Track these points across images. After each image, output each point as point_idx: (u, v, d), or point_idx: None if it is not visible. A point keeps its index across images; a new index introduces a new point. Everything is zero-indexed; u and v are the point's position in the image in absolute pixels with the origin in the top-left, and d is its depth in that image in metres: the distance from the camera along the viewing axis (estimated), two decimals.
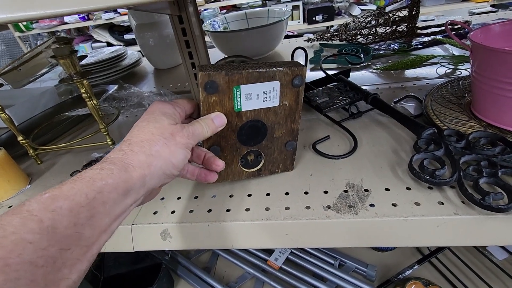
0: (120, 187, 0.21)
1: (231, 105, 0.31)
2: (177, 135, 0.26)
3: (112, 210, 0.21)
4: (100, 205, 0.20)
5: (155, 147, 0.24)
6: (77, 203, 0.19)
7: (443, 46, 0.73)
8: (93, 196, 0.20)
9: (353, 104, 0.49)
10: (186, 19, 0.56)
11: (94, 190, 0.20)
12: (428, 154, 0.35)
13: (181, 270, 0.73)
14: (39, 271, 0.16)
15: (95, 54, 0.89)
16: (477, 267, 0.64)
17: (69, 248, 0.18)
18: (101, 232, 0.20)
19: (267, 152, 0.36)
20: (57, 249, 0.17)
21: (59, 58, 0.40)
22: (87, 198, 0.19)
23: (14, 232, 0.16)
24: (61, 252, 0.17)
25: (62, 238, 0.17)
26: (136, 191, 0.22)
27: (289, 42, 0.98)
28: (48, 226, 0.17)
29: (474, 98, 0.42)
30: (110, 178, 0.21)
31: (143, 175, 0.23)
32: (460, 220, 0.29)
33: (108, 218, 0.20)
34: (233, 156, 0.35)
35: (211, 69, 0.28)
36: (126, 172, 0.22)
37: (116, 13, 2.42)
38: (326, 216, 0.32)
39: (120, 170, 0.22)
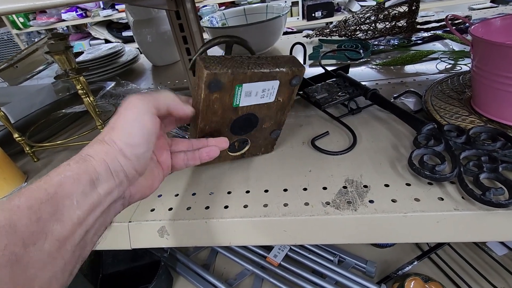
0: (83, 178, 0.20)
1: (231, 101, 0.31)
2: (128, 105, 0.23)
3: (82, 202, 0.20)
4: (64, 198, 0.19)
5: (107, 135, 0.23)
6: (36, 199, 0.18)
7: (443, 41, 0.72)
8: (54, 191, 0.19)
9: (352, 100, 0.48)
10: (184, 15, 0.55)
11: (53, 185, 0.19)
12: (428, 150, 0.34)
13: (180, 267, 0.73)
14: (3, 271, 0.16)
15: (92, 50, 0.88)
16: (477, 262, 0.64)
17: (34, 243, 0.17)
18: (74, 225, 0.19)
19: (253, 139, 0.38)
20: (19, 247, 0.17)
21: (54, 54, 0.39)
22: (47, 193, 0.19)
23: None
24: (25, 249, 0.17)
25: (24, 234, 0.17)
26: (104, 180, 0.21)
27: (288, 38, 0.97)
28: (5, 225, 0.17)
29: (474, 93, 0.41)
30: (68, 171, 0.21)
31: (102, 161, 0.22)
32: (460, 216, 0.29)
33: (78, 210, 0.20)
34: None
35: (215, 66, 0.28)
36: (85, 162, 0.21)
37: (114, 10, 2.41)
38: (325, 213, 0.31)
39: (77, 162, 0.21)
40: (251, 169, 0.39)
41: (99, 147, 0.22)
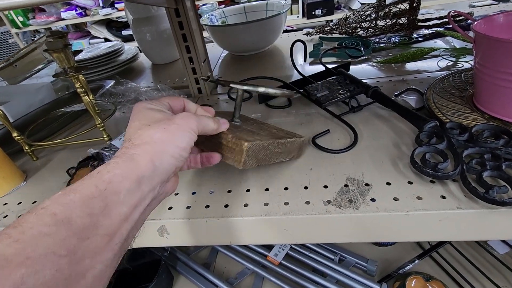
0: (130, 176, 0.22)
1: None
2: (176, 118, 0.26)
3: (128, 199, 0.21)
4: (113, 195, 0.20)
5: (156, 134, 0.24)
6: (88, 195, 0.20)
7: (445, 38, 0.72)
8: (104, 187, 0.20)
9: (353, 98, 0.48)
10: (183, 12, 0.55)
11: (104, 182, 0.21)
12: (430, 148, 0.34)
13: (180, 266, 0.73)
14: (63, 261, 0.17)
15: (91, 49, 0.88)
16: (478, 261, 0.64)
17: (88, 237, 0.18)
18: (121, 221, 0.21)
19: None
20: (76, 239, 0.18)
21: (52, 52, 0.39)
22: (98, 189, 0.20)
23: (31, 228, 0.17)
24: (81, 242, 0.18)
25: (79, 228, 0.18)
26: (149, 178, 0.23)
27: (288, 36, 0.96)
28: (62, 219, 0.18)
29: (477, 90, 0.41)
30: (117, 169, 0.22)
31: (150, 161, 0.23)
32: (463, 214, 0.28)
33: (125, 207, 0.21)
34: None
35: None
36: (132, 161, 0.23)
37: (113, 9, 2.40)
38: (326, 211, 0.31)
39: (126, 161, 0.22)
40: (252, 168, 0.39)
41: (148, 147, 0.24)
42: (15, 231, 0.17)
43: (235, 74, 0.75)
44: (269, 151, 0.33)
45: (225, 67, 0.81)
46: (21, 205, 0.40)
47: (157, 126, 0.25)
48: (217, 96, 0.63)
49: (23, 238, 0.16)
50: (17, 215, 0.39)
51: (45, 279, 0.16)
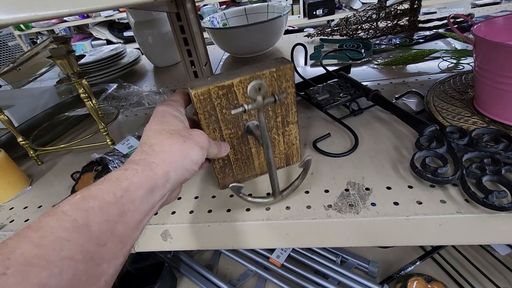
0: (146, 184, 0.22)
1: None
2: (194, 134, 0.27)
3: (141, 206, 0.22)
4: (128, 203, 0.21)
5: (175, 145, 0.25)
6: (107, 202, 0.20)
7: (446, 40, 0.72)
8: (121, 195, 0.21)
9: (354, 101, 0.48)
10: (184, 16, 0.55)
11: (121, 189, 0.21)
12: (430, 152, 0.34)
13: (183, 268, 0.73)
14: (80, 266, 0.17)
15: (94, 52, 0.89)
16: (480, 262, 0.64)
17: (105, 244, 0.19)
18: (134, 228, 0.21)
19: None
20: (93, 245, 0.18)
21: (56, 59, 0.40)
22: (115, 197, 0.21)
23: (52, 232, 0.17)
24: (98, 248, 0.19)
25: (97, 234, 0.19)
26: (161, 187, 0.24)
27: (289, 38, 0.97)
28: (82, 225, 0.18)
29: (477, 93, 0.41)
30: (135, 177, 0.22)
31: (166, 172, 0.24)
32: (462, 219, 0.29)
33: (138, 214, 0.22)
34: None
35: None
36: (150, 170, 0.23)
37: (115, 10, 2.41)
38: (327, 216, 0.31)
39: (144, 169, 0.23)
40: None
41: (167, 157, 0.25)
42: (36, 235, 0.17)
43: None
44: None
45: (226, 69, 0.82)
46: (27, 209, 0.41)
47: (177, 137, 0.26)
48: None
49: (44, 242, 0.17)
50: (23, 220, 0.39)
51: (63, 283, 0.16)
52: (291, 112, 0.35)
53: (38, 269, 0.16)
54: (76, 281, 0.17)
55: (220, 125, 0.32)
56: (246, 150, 0.35)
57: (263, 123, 0.29)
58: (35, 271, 0.16)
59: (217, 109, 0.31)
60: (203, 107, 0.30)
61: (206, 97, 0.29)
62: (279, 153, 0.38)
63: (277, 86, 0.32)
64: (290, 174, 0.38)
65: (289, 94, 0.33)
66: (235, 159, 0.35)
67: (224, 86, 0.29)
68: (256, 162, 0.37)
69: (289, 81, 0.32)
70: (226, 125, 0.32)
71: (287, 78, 0.32)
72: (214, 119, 0.31)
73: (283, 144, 0.37)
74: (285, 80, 0.32)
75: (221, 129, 0.32)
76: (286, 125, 0.35)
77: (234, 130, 0.33)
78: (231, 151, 0.34)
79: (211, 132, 0.32)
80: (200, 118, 0.30)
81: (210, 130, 0.32)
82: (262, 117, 0.29)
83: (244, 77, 0.30)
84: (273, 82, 0.31)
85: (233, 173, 0.36)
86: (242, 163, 0.36)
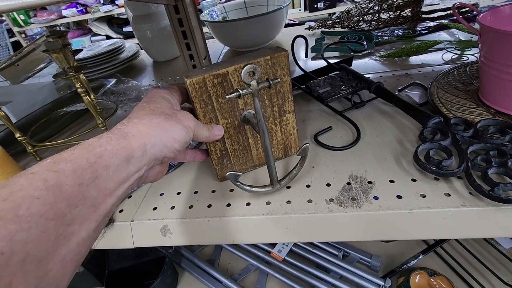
0: (120, 153, 0.22)
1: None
2: (179, 114, 0.27)
3: (115, 175, 0.22)
4: (102, 169, 0.21)
5: (156, 119, 0.25)
6: (79, 166, 0.20)
7: (449, 31, 0.70)
8: (94, 160, 0.21)
9: (356, 94, 0.47)
10: (183, 9, 0.54)
11: (94, 155, 0.21)
12: (434, 144, 0.33)
13: (185, 263, 0.73)
14: (50, 223, 0.17)
15: (92, 47, 0.88)
16: (484, 256, 0.64)
17: (76, 206, 0.19)
18: (106, 195, 0.21)
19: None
20: (65, 205, 0.18)
21: (51, 52, 0.39)
22: (88, 162, 0.20)
23: (21, 190, 0.17)
24: (69, 208, 0.18)
25: (69, 195, 0.19)
26: (138, 159, 0.23)
27: (289, 31, 0.95)
28: (53, 185, 0.18)
29: (482, 84, 0.40)
30: (109, 144, 0.22)
31: (143, 143, 0.24)
32: (468, 212, 0.28)
33: (112, 182, 0.21)
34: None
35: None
36: (125, 139, 0.23)
37: (114, 5, 2.39)
38: (329, 210, 0.31)
39: (119, 138, 0.23)
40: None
41: (145, 129, 0.24)
42: (4, 191, 0.17)
43: None
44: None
45: None
46: None
47: (160, 113, 0.26)
48: None
49: (12, 198, 0.17)
50: None
51: (32, 238, 0.16)
52: (288, 101, 0.34)
53: (6, 221, 0.16)
54: (45, 238, 0.17)
55: (216, 114, 0.32)
56: (243, 140, 0.35)
57: (258, 108, 0.28)
58: (2, 223, 0.16)
59: (213, 98, 0.30)
60: (199, 96, 0.30)
61: (202, 86, 0.29)
62: (277, 144, 0.37)
63: (272, 74, 0.31)
64: (289, 165, 0.38)
65: (285, 82, 0.33)
66: (232, 150, 0.35)
67: (219, 74, 0.29)
68: (254, 153, 0.37)
69: (284, 69, 0.32)
70: (222, 114, 0.32)
71: (282, 66, 0.31)
72: (210, 108, 0.31)
73: (280, 134, 0.37)
74: (280, 68, 0.32)
75: (217, 118, 0.32)
76: (283, 115, 0.35)
77: (230, 119, 0.33)
78: (228, 142, 0.34)
79: (207, 122, 0.32)
80: (196, 107, 0.30)
81: (207, 120, 0.31)
82: (257, 102, 0.28)
83: (239, 65, 0.29)
84: (268, 70, 0.31)
85: (231, 164, 0.36)
86: (240, 153, 0.36)
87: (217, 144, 0.34)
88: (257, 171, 0.38)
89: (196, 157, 0.35)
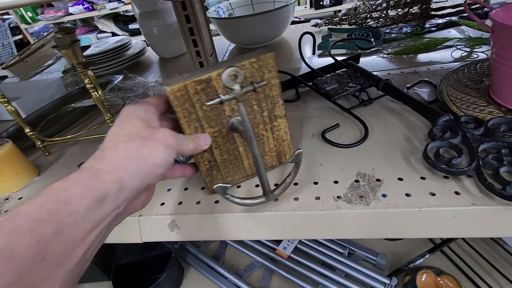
0: (91, 195, 0.20)
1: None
2: (157, 133, 0.24)
3: (86, 220, 0.19)
4: (67, 217, 0.18)
5: (132, 148, 0.23)
6: (38, 219, 0.18)
7: (459, 28, 0.69)
8: (57, 209, 0.18)
9: (364, 91, 0.47)
10: (190, 6, 0.54)
11: (58, 203, 0.19)
12: (444, 142, 0.33)
13: (190, 259, 0.74)
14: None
15: (99, 44, 0.88)
16: (491, 256, 0.63)
17: (32, 270, 0.16)
18: (75, 246, 0.19)
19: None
20: (17, 273, 0.16)
21: (60, 48, 0.39)
22: (49, 212, 0.18)
23: None
24: (24, 273, 0.16)
25: (23, 260, 0.16)
26: (113, 197, 0.21)
27: (296, 28, 0.95)
28: (4, 250, 0.16)
29: (493, 82, 0.39)
30: (76, 187, 0.20)
31: (119, 178, 0.21)
32: (478, 211, 0.28)
33: (81, 229, 0.19)
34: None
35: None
36: (96, 177, 0.21)
37: (120, 3, 2.40)
38: (337, 207, 0.31)
39: (89, 177, 0.20)
40: None
41: (120, 161, 0.22)
42: None
43: None
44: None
45: None
46: None
47: (135, 139, 0.23)
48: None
49: None
50: None
51: None
52: (278, 105, 0.32)
53: None
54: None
55: (201, 123, 0.29)
56: (233, 149, 0.33)
57: (244, 114, 0.27)
58: None
59: (197, 106, 0.28)
60: (181, 105, 0.27)
61: (184, 94, 0.27)
62: (269, 151, 0.35)
63: (259, 77, 0.30)
64: (284, 173, 0.37)
65: (273, 85, 0.31)
66: (222, 160, 0.33)
67: (202, 80, 0.27)
68: (246, 162, 0.35)
69: (271, 71, 0.30)
70: (208, 123, 0.30)
71: (269, 68, 0.29)
72: (194, 117, 0.29)
73: (273, 141, 0.35)
74: (268, 71, 0.30)
75: (203, 127, 0.30)
76: (274, 120, 0.33)
77: (217, 128, 0.30)
78: (217, 152, 0.32)
79: (192, 132, 0.29)
80: (179, 116, 0.28)
81: (192, 130, 0.29)
82: (243, 108, 0.27)
83: (222, 69, 0.27)
84: (255, 74, 0.29)
85: (222, 175, 0.34)
86: (230, 164, 0.34)
87: (205, 155, 0.32)
88: (251, 180, 0.37)
89: (186, 172, 0.32)
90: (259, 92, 0.30)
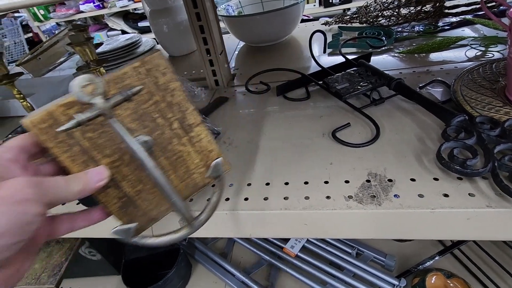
0: None
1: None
2: (2, 188, 0.18)
3: None
4: None
5: None
6: None
7: (473, 26, 0.68)
8: None
9: (375, 90, 0.47)
10: (200, 3, 0.55)
11: None
12: (459, 143, 0.32)
13: (198, 255, 0.74)
14: None
15: (110, 42, 0.89)
16: (503, 259, 0.62)
17: None
18: None
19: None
20: None
21: (75, 46, 0.40)
22: None
23: None
24: None
25: None
26: None
27: (305, 26, 0.94)
28: None
29: (510, 81, 0.38)
30: None
31: None
32: (493, 213, 0.27)
33: None
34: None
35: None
36: None
37: (130, 1, 2.42)
38: (348, 207, 0.31)
39: None
40: (271, 161, 0.39)
41: None
42: None
43: (251, 65, 0.74)
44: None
45: (241, 58, 0.81)
46: None
47: None
48: (234, 88, 0.63)
49: None
50: None
51: None
52: (188, 112, 0.27)
53: None
54: None
55: (91, 154, 0.23)
56: (147, 176, 0.25)
57: (121, 133, 0.22)
58: None
59: (77, 135, 0.22)
60: (53, 139, 0.21)
61: (52, 124, 0.21)
62: (196, 167, 0.29)
63: (153, 85, 0.24)
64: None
65: (174, 90, 0.25)
66: (136, 193, 0.26)
67: (73, 102, 0.21)
68: (172, 185, 0.28)
69: (166, 74, 0.25)
70: (101, 152, 0.24)
71: (161, 71, 0.24)
72: (78, 149, 0.23)
73: (196, 155, 0.28)
74: (161, 74, 0.24)
75: (95, 160, 0.23)
76: (190, 130, 0.27)
77: (116, 156, 0.24)
78: (125, 184, 0.26)
79: (82, 168, 0.23)
80: (56, 154, 0.22)
81: (80, 166, 0.23)
82: (117, 126, 0.22)
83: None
84: (145, 81, 0.24)
85: (142, 210, 0.27)
86: (149, 194, 0.27)
87: (109, 193, 0.25)
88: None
89: (94, 219, 0.25)
90: (159, 101, 0.25)
